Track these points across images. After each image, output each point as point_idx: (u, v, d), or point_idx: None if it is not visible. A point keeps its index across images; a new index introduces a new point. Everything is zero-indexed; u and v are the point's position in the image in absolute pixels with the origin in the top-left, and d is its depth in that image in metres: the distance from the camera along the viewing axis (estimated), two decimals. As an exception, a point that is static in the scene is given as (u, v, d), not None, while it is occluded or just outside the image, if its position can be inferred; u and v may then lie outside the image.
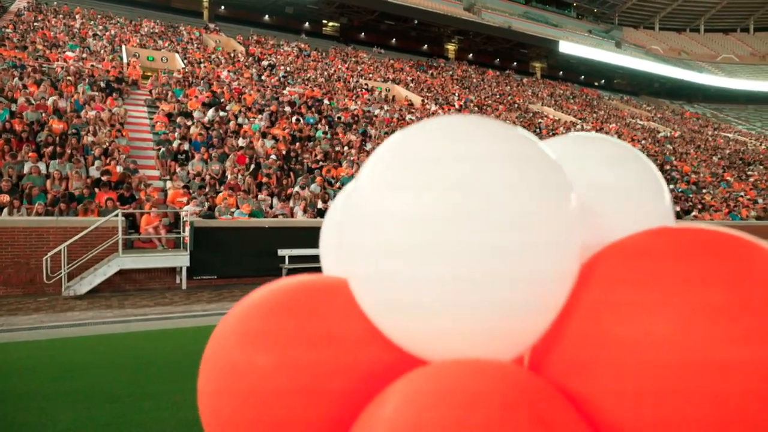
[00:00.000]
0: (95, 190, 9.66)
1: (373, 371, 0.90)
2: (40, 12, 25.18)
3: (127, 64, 19.81)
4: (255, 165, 12.49)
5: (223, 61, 23.79)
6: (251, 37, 31.48)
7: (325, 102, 20.37)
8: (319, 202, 11.31)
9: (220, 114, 15.23)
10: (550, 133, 25.88)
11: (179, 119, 14.03)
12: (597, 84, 51.56)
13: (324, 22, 42.05)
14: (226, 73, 20.88)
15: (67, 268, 8.15)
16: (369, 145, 15.96)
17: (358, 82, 26.92)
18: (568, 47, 45.57)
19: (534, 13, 51.50)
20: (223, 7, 38.36)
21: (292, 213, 11.01)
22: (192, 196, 10.36)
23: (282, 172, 12.65)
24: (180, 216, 9.55)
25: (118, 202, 9.37)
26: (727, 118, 51.12)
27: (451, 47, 46.68)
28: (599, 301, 0.82)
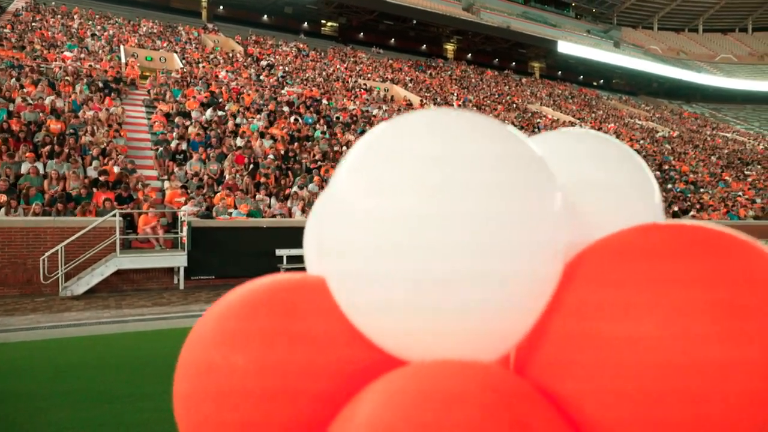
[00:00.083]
0: (93, 190, 9.65)
1: (352, 371, 0.88)
2: (38, 12, 25.13)
3: (126, 64, 19.79)
4: (253, 165, 12.48)
5: (221, 61, 23.78)
6: (250, 37, 31.46)
7: (324, 102, 20.36)
8: (318, 202, 11.30)
9: (219, 113, 15.22)
10: (549, 133, 25.88)
11: (177, 119, 14.02)
12: (595, 84, 51.62)
13: (323, 22, 42.05)
14: (224, 73, 20.87)
15: (64, 268, 8.14)
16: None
17: (356, 82, 26.92)
18: (566, 47, 45.62)
19: (533, 13, 51.54)
20: (221, 7, 38.33)
21: (290, 213, 11.00)
22: (190, 196, 10.35)
23: (280, 172, 12.64)
24: (178, 216, 9.54)
25: (116, 202, 9.36)
26: (726, 118, 51.20)
27: (449, 47, 46.70)
28: (582, 301, 0.80)
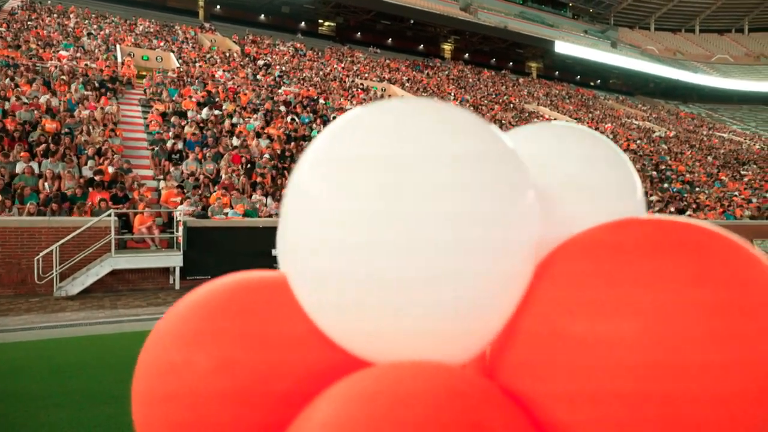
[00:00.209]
0: (89, 189, 9.61)
1: (315, 372, 0.86)
2: (34, 11, 25.03)
3: (122, 64, 19.73)
4: (249, 165, 12.46)
5: (218, 61, 23.73)
6: (247, 37, 31.40)
7: (321, 101, 20.34)
8: (314, 201, 11.28)
9: (215, 113, 15.18)
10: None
11: (173, 119, 13.98)
12: (593, 84, 51.70)
13: (320, 21, 42.01)
14: (221, 73, 20.82)
15: (59, 268, 8.10)
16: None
17: (353, 82, 26.89)
18: (563, 47, 45.68)
19: (530, 13, 51.59)
20: (218, 6, 38.26)
21: (287, 213, 10.97)
22: (186, 195, 10.32)
23: (276, 172, 12.62)
24: (173, 216, 9.51)
25: (111, 202, 9.33)
26: (722, 118, 51.35)
27: (447, 47, 46.72)
28: (553, 300, 0.78)
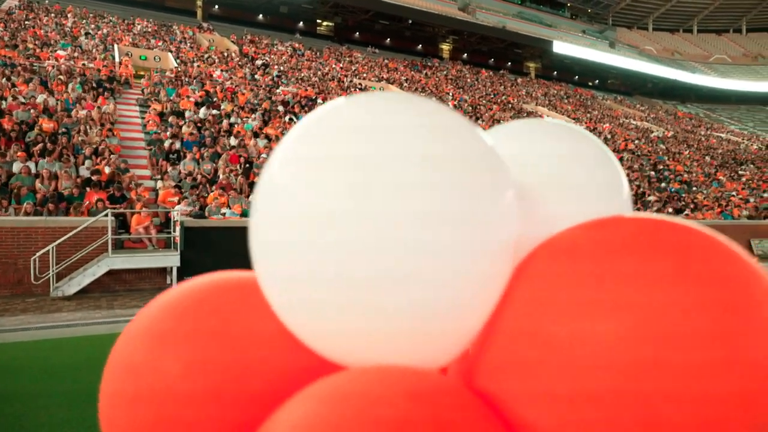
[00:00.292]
0: (86, 189, 9.58)
1: (286, 376, 0.84)
2: (32, 10, 24.99)
3: (119, 63, 19.69)
4: (247, 164, 12.44)
5: (216, 61, 23.70)
6: (245, 37, 31.37)
7: (319, 101, 20.31)
8: (312, 201, 11.25)
9: (213, 112, 15.16)
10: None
11: (171, 118, 13.95)
12: (591, 84, 51.75)
13: (318, 21, 41.99)
14: (218, 73, 20.80)
15: (55, 268, 8.07)
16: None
17: (352, 82, 26.89)
18: (562, 47, 45.72)
19: (528, 13, 51.62)
20: (216, 6, 38.22)
21: (285, 213, 10.95)
22: (183, 195, 10.30)
23: (274, 172, 12.58)
24: (171, 216, 9.49)
25: (108, 202, 9.30)
26: (720, 118, 51.43)
27: (445, 47, 46.72)
28: (530, 300, 0.76)
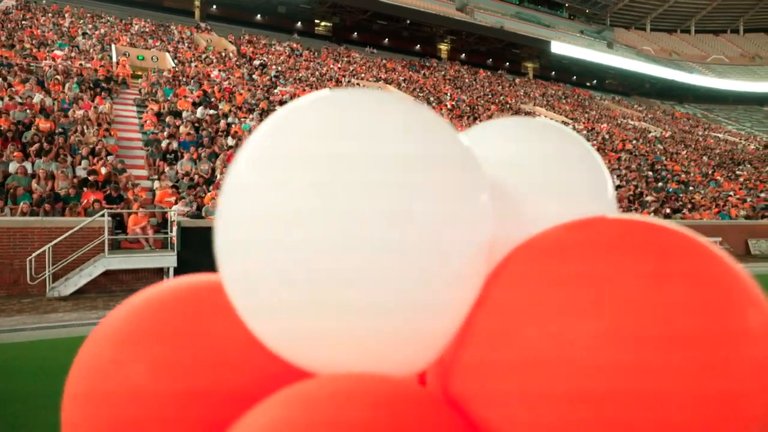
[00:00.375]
0: (82, 189, 9.55)
1: (255, 381, 0.82)
2: (29, 10, 24.93)
3: (117, 63, 19.66)
4: (245, 165, 12.41)
5: (213, 61, 23.67)
6: (243, 37, 31.35)
7: (317, 101, 20.28)
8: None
9: (210, 112, 15.13)
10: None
11: (168, 118, 13.92)
12: (589, 84, 51.81)
13: (316, 21, 41.98)
14: (216, 72, 20.76)
15: (51, 268, 8.04)
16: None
17: (350, 82, 26.88)
18: (560, 47, 45.77)
19: (526, 14, 51.67)
20: (214, 6, 38.18)
21: (282, 213, 10.93)
22: (180, 195, 10.28)
23: (272, 172, 12.56)
24: (167, 216, 9.46)
25: (105, 202, 9.27)
26: (717, 119, 51.53)
27: (443, 47, 46.73)
28: (505, 302, 0.73)
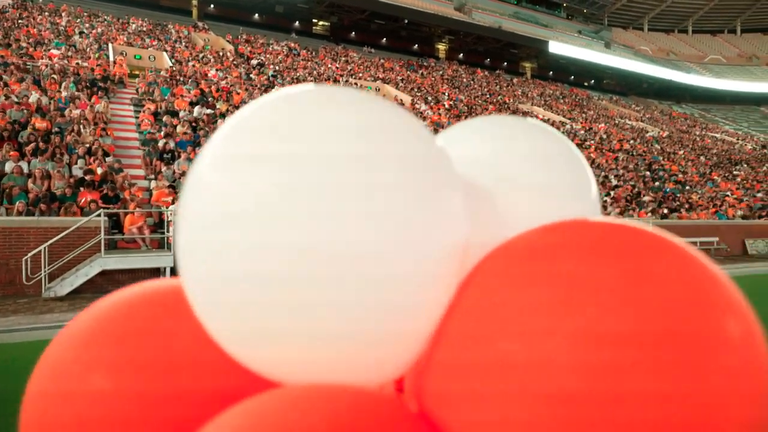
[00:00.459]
0: (79, 189, 9.51)
1: (217, 393, 0.78)
2: (25, 9, 24.82)
3: (114, 63, 19.59)
4: (242, 164, 12.38)
5: (211, 60, 23.60)
6: (240, 36, 31.27)
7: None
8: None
9: (207, 112, 15.08)
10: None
11: (165, 118, 13.88)
12: (586, 84, 51.84)
13: (314, 21, 41.91)
14: (213, 72, 20.71)
15: (47, 269, 8.01)
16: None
17: (347, 82, 26.83)
18: (557, 47, 45.79)
19: (524, 14, 51.69)
20: (212, 5, 38.10)
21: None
22: (177, 195, 10.24)
23: (269, 172, 12.53)
24: (164, 216, 9.43)
25: (102, 202, 9.24)
26: (715, 119, 51.64)
27: (441, 47, 46.72)
28: (478, 306, 0.70)
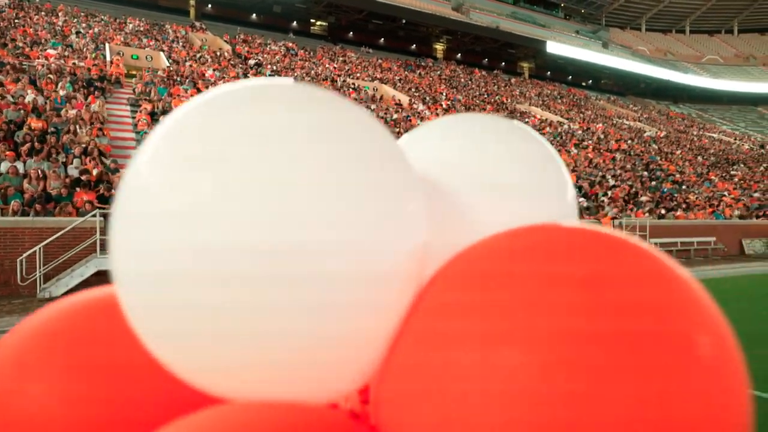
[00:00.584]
0: (75, 189, 9.46)
1: (158, 407, 0.75)
2: (22, 9, 24.73)
3: (111, 62, 19.53)
4: (239, 164, 12.36)
5: (208, 60, 23.55)
6: (238, 36, 31.22)
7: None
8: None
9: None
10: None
11: (162, 118, 13.82)
12: (584, 84, 51.89)
13: (312, 21, 41.88)
14: (211, 72, 20.67)
15: (42, 269, 7.97)
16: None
17: (345, 82, 26.81)
18: (555, 47, 45.83)
19: (522, 14, 51.71)
20: (209, 5, 38.02)
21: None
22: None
23: (266, 172, 12.50)
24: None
25: (98, 202, 9.19)
26: (712, 119, 51.74)
27: (439, 47, 46.72)
28: (433, 314, 0.67)
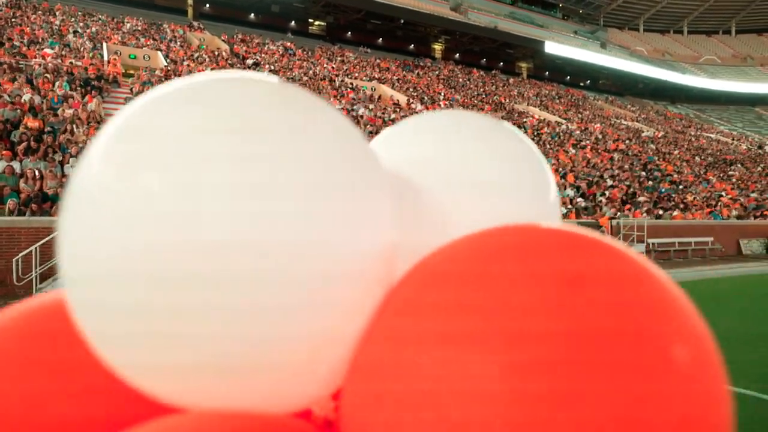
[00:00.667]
0: (70, 189, 9.45)
1: (116, 412, 0.70)
2: (19, 8, 24.68)
3: (108, 62, 19.51)
4: (236, 164, 12.35)
5: (206, 60, 23.53)
6: (236, 36, 31.20)
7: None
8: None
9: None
10: (535, 133, 25.99)
11: (159, 118, 13.82)
12: (582, 84, 51.96)
13: (310, 21, 41.88)
14: (208, 71, 20.65)
15: (38, 269, 7.95)
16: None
17: (343, 81, 26.80)
18: (553, 48, 45.88)
19: (520, 14, 51.77)
20: (207, 5, 37.99)
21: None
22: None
23: (264, 172, 12.49)
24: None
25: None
26: (710, 119, 51.86)
27: (437, 47, 46.76)
28: (401, 314, 0.62)
